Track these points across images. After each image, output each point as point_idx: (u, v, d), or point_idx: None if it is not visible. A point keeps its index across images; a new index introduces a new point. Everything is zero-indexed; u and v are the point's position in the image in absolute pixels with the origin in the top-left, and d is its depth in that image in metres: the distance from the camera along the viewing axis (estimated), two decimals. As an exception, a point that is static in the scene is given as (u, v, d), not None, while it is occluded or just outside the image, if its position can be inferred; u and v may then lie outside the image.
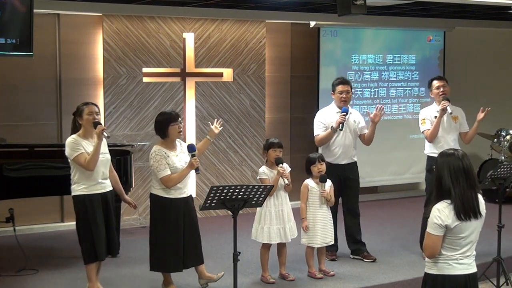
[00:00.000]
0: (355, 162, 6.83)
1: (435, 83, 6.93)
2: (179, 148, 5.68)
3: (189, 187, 5.77)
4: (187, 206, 5.61)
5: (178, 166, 5.53)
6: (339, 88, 6.73)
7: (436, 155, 4.49)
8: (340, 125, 6.54)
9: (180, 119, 5.65)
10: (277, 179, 5.89)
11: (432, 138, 6.77)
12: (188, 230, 5.60)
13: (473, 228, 3.95)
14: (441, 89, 6.86)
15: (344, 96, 6.70)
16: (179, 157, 5.60)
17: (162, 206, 5.56)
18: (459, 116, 6.94)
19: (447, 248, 3.96)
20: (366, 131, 6.81)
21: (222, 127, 5.95)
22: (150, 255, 5.68)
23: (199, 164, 5.50)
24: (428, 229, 3.94)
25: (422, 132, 6.92)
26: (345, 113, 6.58)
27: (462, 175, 3.91)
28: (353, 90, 7.01)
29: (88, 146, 5.41)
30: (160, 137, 5.66)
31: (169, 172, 5.49)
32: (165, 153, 5.53)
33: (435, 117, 6.81)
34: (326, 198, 6.09)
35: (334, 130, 6.58)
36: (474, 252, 4.06)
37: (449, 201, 3.89)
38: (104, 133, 5.35)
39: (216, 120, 5.99)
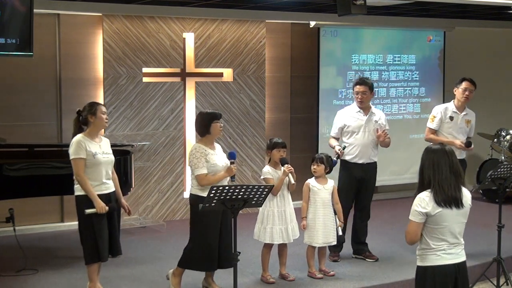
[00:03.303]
0: (375, 163, 6.80)
1: (464, 84, 6.92)
2: (218, 148, 5.74)
3: None
4: None
5: (218, 164, 5.56)
6: (355, 88, 6.71)
7: None
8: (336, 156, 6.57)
9: (221, 119, 5.72)
10: (283, 179, 5.90)
11: (429, 141, 6.77)
12: (225, 232, 5.59)
13: (456, 218, 4.09)
14: (466, 93, 6.88)
15: (360, 96, 6.67)
16: (219, 156, 5.64)
17: (200, 207, 5.52)
18: (471, 121, 6.98)
19: (435, 238, 4.08)
20: (386, 128, 6.75)
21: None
22: (185, 253, 5.66)
23: (236, 172, 5.54)
24: (410, 217, 4.12)
25: (428, 127, 6.95)
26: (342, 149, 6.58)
27: (445, 166, 4.07)
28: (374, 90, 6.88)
29: (93, 145, 5.42)
30: (199, 134, 5.70)
31: (205, 171, 5.52)
32: (205, 150, 5.56)
33: (450, 117, 6.84)
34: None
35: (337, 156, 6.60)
36: (463, 242, 4.18)
37: (429, 191, 4.07)
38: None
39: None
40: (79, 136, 5.44)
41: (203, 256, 5.56)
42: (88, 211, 5.32)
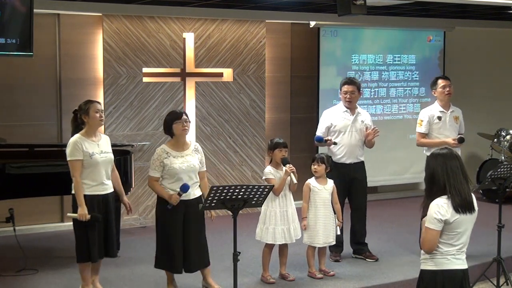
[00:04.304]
0: (362, 162, 6.81)
1: (441, 82, 6.94)
2: (191, 149, 5.64)
3: (193, 190, 5.63)
4: (188, 208, 5.55)
5: (176, 167, 5.49)
6: (344, 88, 6.73)
7: None
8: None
9: (185, 117, 5.59)
10: (285, 178, 5.90)
11: (421, 145, 6.86)
12: (190, 233, 5.58)
13: (468, 223, 4.07)
14: (447, 89, 6.90)
15: (348, 96, 6.69)
16: (185, 158, 5.55)
17: (162, 207, 5.57)
18: (459, 117, 6.97)
19: (446, 244, 4.04)
20: (369, 130, 6.76)
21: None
22: (155, 252, 5.73)
23: (176, 203, 5.43)
24: (427, 224, 4.03)
25: (417, 132, 6.94)
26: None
27: (458, 170, 4.02)
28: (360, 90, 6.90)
29: (90, 145, 5.41)
30: (170, 136, 5.67)
31: (156, 175, 5.52)
32: (167, 153, 5.53)
33: (438, 117, 6.83)
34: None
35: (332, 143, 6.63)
36: (465, 249, 4.16)
37: (445, 197, 3.99)
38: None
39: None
40: (76, 137, 5.42)
41: (167, 258, 5.60)
42: (70, 215, 5.34)
